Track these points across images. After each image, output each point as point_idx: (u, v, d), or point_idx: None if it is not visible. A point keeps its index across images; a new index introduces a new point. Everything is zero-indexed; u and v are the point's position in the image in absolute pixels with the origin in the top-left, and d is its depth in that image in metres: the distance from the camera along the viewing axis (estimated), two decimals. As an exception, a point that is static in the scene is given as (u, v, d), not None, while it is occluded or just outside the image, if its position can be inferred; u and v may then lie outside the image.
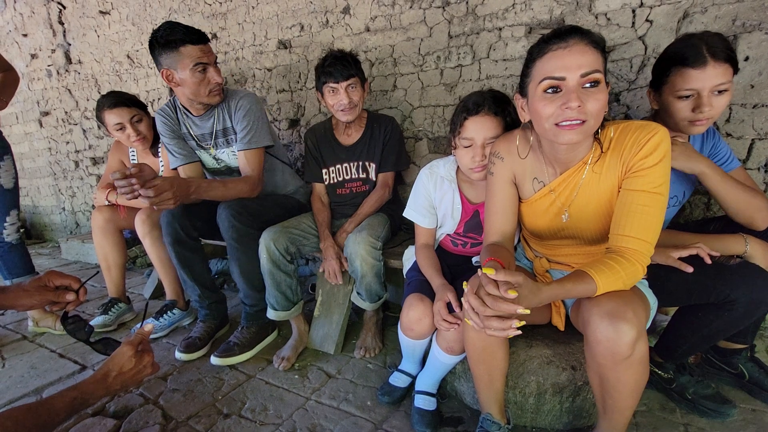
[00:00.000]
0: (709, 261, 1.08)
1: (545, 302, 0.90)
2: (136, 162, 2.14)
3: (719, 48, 1.05)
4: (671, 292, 1.16)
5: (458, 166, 1.36)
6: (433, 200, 1.42)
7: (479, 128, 1.20)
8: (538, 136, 1.05)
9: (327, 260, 1.69)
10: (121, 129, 1.91)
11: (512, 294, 0.81)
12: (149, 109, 3.10)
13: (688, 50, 1.07)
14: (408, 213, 1.47)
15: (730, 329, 1.15)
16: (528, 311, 0.82)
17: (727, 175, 1.16)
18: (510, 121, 1.21)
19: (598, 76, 0.87)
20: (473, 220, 1.41)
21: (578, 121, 0.88)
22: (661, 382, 1.34)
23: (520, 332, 0.84)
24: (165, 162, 2.00)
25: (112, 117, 1.88)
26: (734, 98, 1.49)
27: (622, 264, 0.90)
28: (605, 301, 0.88)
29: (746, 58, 1.45)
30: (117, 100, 1.89)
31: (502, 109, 1.21)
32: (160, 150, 2.02)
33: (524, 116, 1.02)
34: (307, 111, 2.46)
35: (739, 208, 1.16)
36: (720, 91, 1.07)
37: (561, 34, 0.88)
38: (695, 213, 1.64)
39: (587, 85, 0.87)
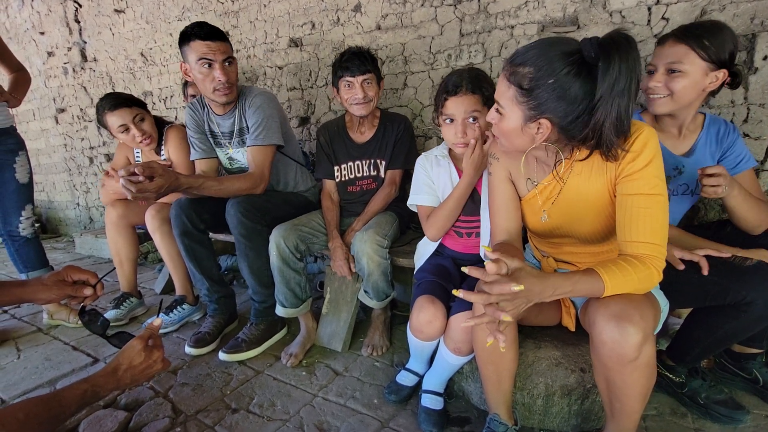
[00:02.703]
0: (706, 272, 1.09)
1: (551, 290, 0.86)
2: (140, 160, 2.15)
3: (690, 30, 1.10)
4: (686, 294, 1.14)
5: (450, 150, 1.43)
6: (432, 178, 1.47)
7: (458, 106, 1.27)
8: None
9: (335, 261, 1.69)
10: (125, 131, 1.89)
11: (517, 287, 0.79)
12: (162, 105, 3.15)
13: (666, 35, 1.15)
14: (412, 200, 1.50)
15: (746, 332, 1.13)
16: (522, 287, 0.79)
17: (747, 192, 1.16)
18: (488, 96, 1.26)
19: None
20: (471, 199, 1.41)
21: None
22: (673, 386, 1.32)
23: (510, 320, 0.82)
24: (168, 159, 2.03)
25: (114, 119, 1.86)
26: (752, 98, 1.46)
27: (636, 267, 0.87)
28: (612, 302, 0.87)
29: (765, 57, 1.42)
30: (117, 101, 1.86)
31: (479, 86, 1.26)
32: (163, 149, 2.04)
33: None
34: (318, 109, 2.47)
35: (749, 221, 1.18)
36: (672, 71, 1.11)
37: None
38: (710, 215, 1.61)
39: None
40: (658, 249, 0.88)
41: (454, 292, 0.86)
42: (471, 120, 1.28)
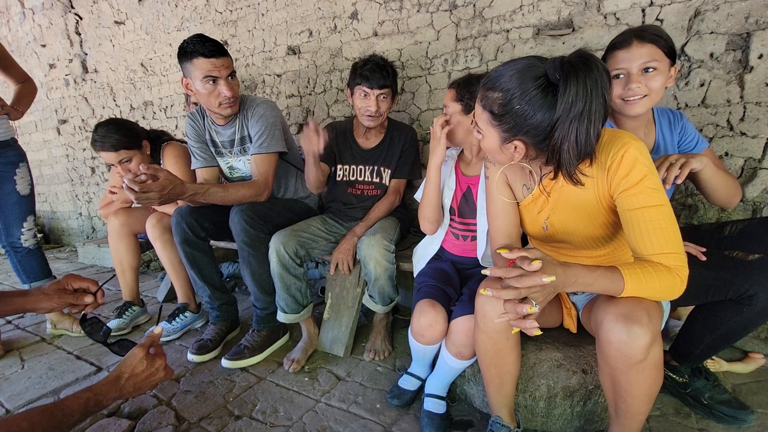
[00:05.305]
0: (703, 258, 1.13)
1: (573, 279, 0.85)
2: None
3: (646, 32, 1.13)
4: (687, 290, 1.14)
5: (462, 150, 1.48)
6: None
7: (446, 99, 1.39)
8: None
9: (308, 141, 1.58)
10: (114, 166, 1.91)
11: (536, 264, 0.79)
12: (163, 115, 3.17)
13: (618, 38, 1.16)
14: (417, 194, 1.52)
15: (749, 327, 1.13)
16: (554, 278, 0.79)
17: (718, 164, 1.18)
18: (461, 92, 1.33)
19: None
20: (466, 200, 1.43)
21: None
22: (676, 387, 1.31)
23: (537, 310, 0.81)
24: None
25: (102, 156, 1.86)
26: (748, 97, 1.47)
27: (661, 274, 0.85)
28: (621, 302, 0.87)
29: (760, 56, 1.43)
30: (105, 144, 1.80)
31: (458, 84, 1.35)
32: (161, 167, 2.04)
33: None
34: (316, 115, 2.48)
35: (723, 194, 1.19)
36: (648, 69, 1.12)
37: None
38: (709, 213, 1.61)
39: None
40: (680, 258, 0.86)
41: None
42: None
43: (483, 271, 0.90)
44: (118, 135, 1.83)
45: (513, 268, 0.83)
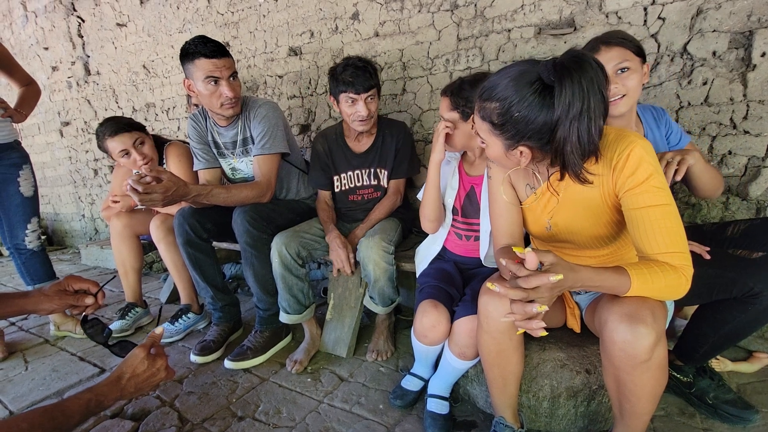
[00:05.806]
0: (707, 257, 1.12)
1: (581, 282, 0.84)
2: None
3: (612, 36, 1.19)
4: (692, 289, 1.13)
5: (464, 152, 1.47)
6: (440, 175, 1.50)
7: (441, 107, 1.38)
8: None
9: (334, 251, 1.66)
10: (126, 155, 1.88)
11: (531, 257, 0.79)
12: (165, 117, 3.18)
13: (586, 46, 1.23)
14: (420, 194, 1.51)
15: (754, 325, 1.12)
16: (561, 276, 0.78)
17: (704, 157, 1.21)
18: (457, 99, 1.30)
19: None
20: (470, 200, 1.43)
21: None
22: (681, 386, 1.30)
23: (546, 309, 0.81)
24: None
25: (114, 144, 1.85)
26: (751, 95, 1.46)
27: (667, 273, 0.84)
28: (625, 301, 0.86)
29: (763, 54, 1.42)
30: (116, 126, 1.84)
31: (451, 91, 1.32)
32: (165, 167, 2.04)
33: None
34: (318, 116, 2.49)
35: (711, 187, 1.21)
36: (622, 70, 1.16)
37: None
38: (712, 212, 1.61)
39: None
40: (685, 257, 0.86)
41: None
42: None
43: (501, 259, 0.88)
44: (126, 119, 1.92)
45: (522, 267, 0.82)
